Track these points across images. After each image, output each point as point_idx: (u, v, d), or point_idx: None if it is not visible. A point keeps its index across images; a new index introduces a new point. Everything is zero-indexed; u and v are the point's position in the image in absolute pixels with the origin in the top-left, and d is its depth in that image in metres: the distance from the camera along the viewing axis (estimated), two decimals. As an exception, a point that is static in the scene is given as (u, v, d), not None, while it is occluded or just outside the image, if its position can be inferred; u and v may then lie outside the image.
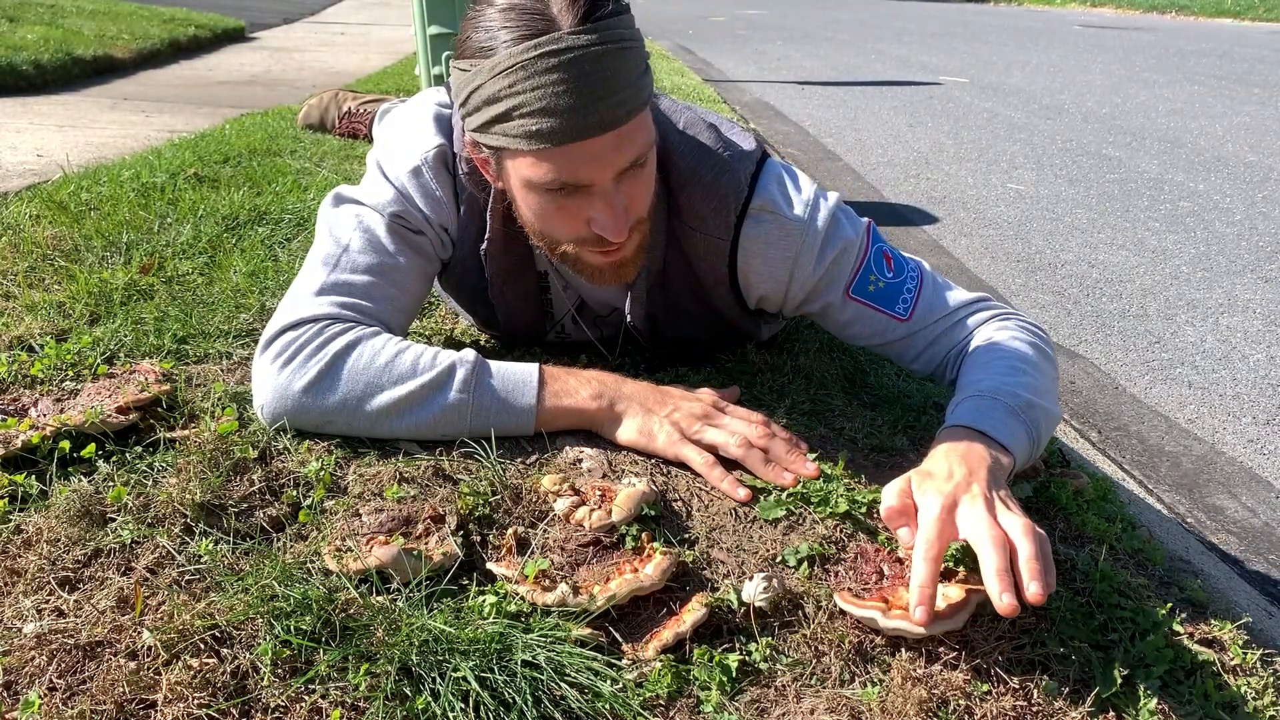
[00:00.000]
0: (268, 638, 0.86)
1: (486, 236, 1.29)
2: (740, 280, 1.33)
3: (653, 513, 1.06)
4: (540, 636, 0.88)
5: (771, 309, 1.39)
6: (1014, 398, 1.14)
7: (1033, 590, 0.87)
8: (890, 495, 1.01)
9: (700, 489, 1.14)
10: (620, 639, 0.92)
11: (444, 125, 1.29)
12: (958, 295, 1.35)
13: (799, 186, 1.29)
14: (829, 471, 1.16)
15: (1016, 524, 0.94)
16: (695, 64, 8.78)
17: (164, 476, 1.09)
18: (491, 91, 1.05)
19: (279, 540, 1.01)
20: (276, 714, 0.81)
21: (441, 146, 1.27)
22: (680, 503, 1.12)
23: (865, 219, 1.34)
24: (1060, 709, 0.89)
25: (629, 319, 1.37)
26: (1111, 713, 0.89)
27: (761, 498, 1.12)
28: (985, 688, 0.89)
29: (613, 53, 1.03)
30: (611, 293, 1.40)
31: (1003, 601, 0.87)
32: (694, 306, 1.39)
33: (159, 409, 1.24)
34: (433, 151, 1.26)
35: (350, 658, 0.84)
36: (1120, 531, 1.19)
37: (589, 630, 0.90)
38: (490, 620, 0.90)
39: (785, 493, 1.12)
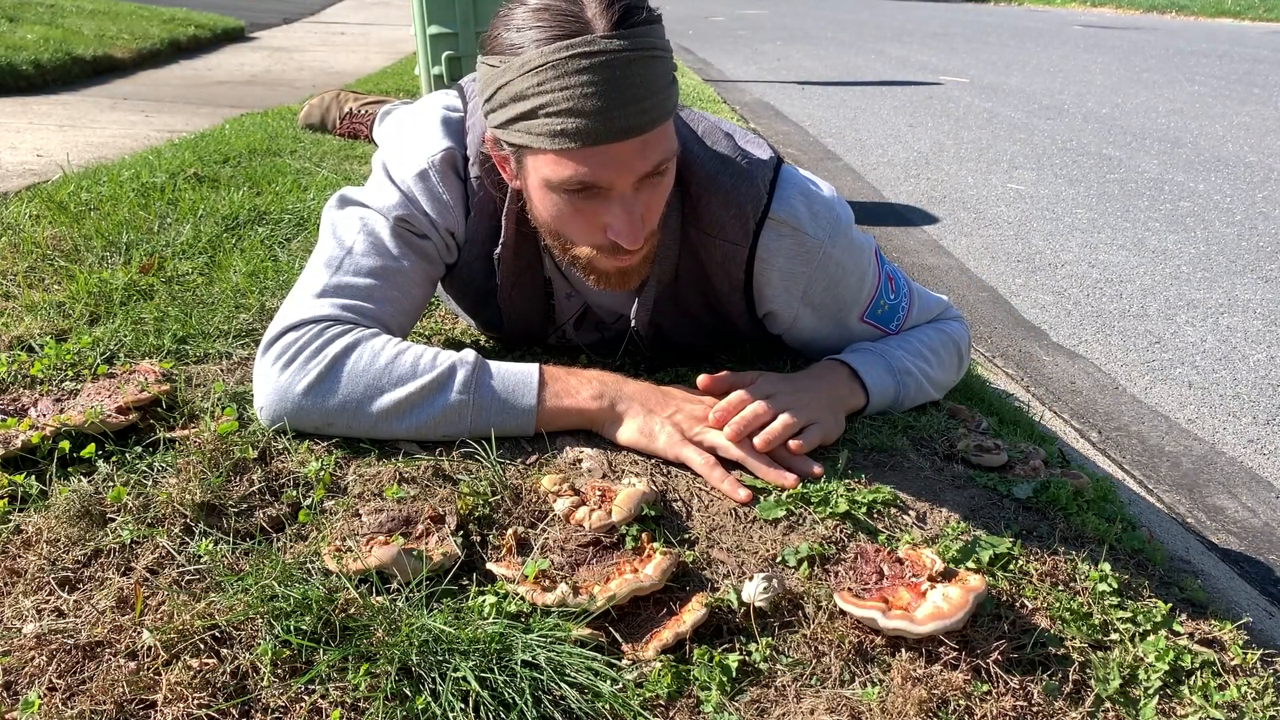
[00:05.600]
0: (268, 638, 0.86)
1: (501, 240, 1.29)
2: (754, 289, 1.33)
3: (653, 513, 1.06)
4: (540, 636, 0.88)
5: (776, 328, 1.40)
6: (898, 360, 1.35)
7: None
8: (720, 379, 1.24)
9: (700, 489, 1.14)
10: (620, 639, 0.92)
11: (452, 129, 1.29)
12: (929, 304, 1.49)
13: (821, 202, 1.30)
14: (829, 471, 1.16)
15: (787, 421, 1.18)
16: (695, 64, 8.78)
17: (164, 476, 1.09)
18: (519, 89, 1.05)
19: (279, 540, 1.01)
20: (276, 714, 0.81)
21: (449, 150, 1.26)
22: (680, 503, 1.12)
23: (869, 237, 1.38)
24: (1060, 709, 0.89)
25: (634, 324, 1.37)
26: (1111, 713, 0.89)
27: (761, 498, 1.12)
28: (985, 688, 0.89)
29: (643, 60, 1.04)
30: (618, 300, 1.39)
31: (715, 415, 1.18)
32: (702, 314, 1.40)
33: (159, 409, 1.24)
34: (440, 155, 1.26)
35: (350, 658, 0.84)
36: (1120, 531, 1.19)
37: (589, 630, 0.90)
38: (490, 620, 0.90)
39: (785, 493, 1.12)
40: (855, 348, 1.38)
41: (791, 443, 1.18)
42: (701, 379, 1.24)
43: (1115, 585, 1.04)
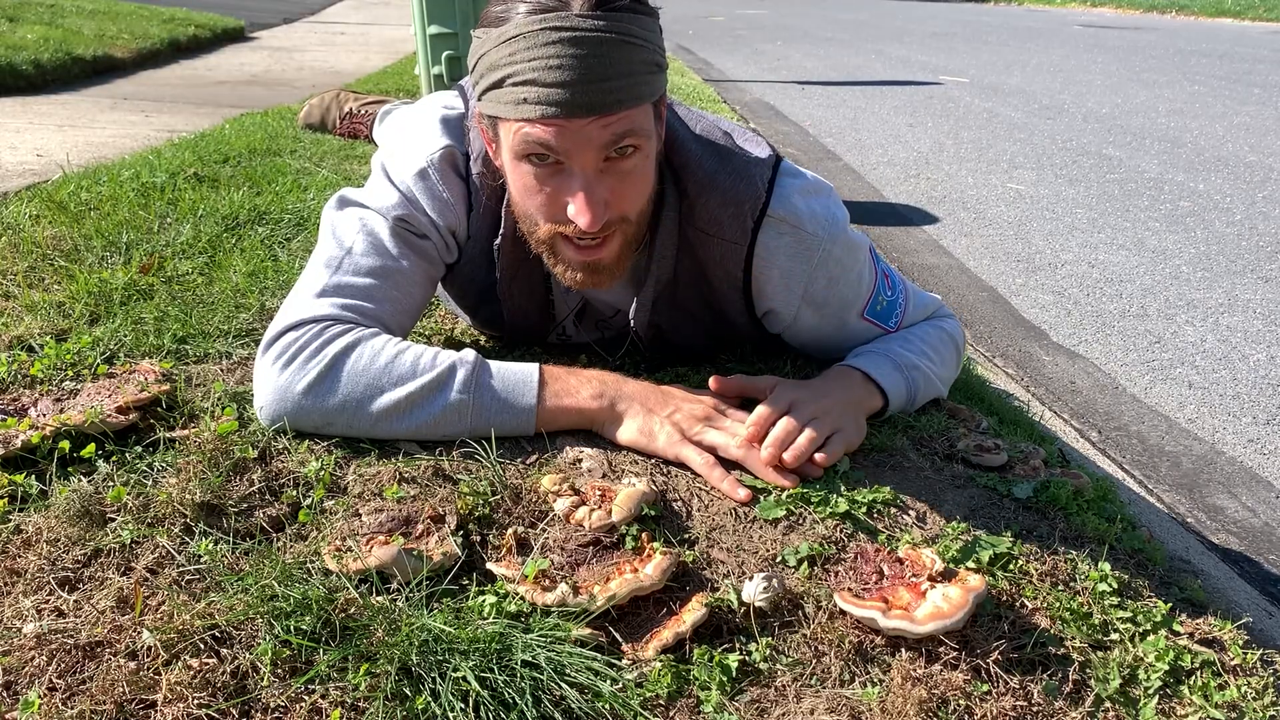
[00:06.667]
0: (268, 638, 0.86)
1: (501, 231, 1.29)
2: (754, 287, 1.33)
3: (653, 513, 1.06)
4: (540, 636, 0.88)
5: (776, 326, 1.40)
6: (903, 357, 1.35)
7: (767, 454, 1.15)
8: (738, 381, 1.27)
9: (700, 489, 1.14)
10: (620, 639, 0.92)
11: (451, 127, 1.29)
12: (923, 302, 1.49)
13: (820, 199, 1.30)
14: (829, 472, 1.16)
15: (810, 435, 1.17)
16: (695, 64, 8.78)
17: (164, 476, 1.09)
18: (494, 59, 1.07)
19: (279, 540, 1.01)
20: (276, 714, 0.81)
21: (449, 148, 1.27)
22: (680, 503, 1.12)
23: (864, 237, 1.38)
24: (1060, 709, 0.89)
25: (633, 324, 1.37)
26: (1111, 713, 0.89)
27: (761, 498, 1.12)
28: (985, 688, 0.89)
29: (617, 43, 1.05)
30: (616, 295, 1.40)
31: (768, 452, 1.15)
32: (701, 315, 1.40)
33: (159, 409, 1.24)
34: (439, 153, 1.26)
35: (350, 658, 0.84)
36: (1120, 531, 1.19)
37: (589, 630, 0.90)
38: (490, 620, 0.90)
39: (785, 493, 1.12)
40: (858, 351, 1.38)
41: (818, 456, 1.16)
42: (713, 380, 1.24)
43: (1115, 585, 1.04)
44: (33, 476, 1.07)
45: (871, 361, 1.33)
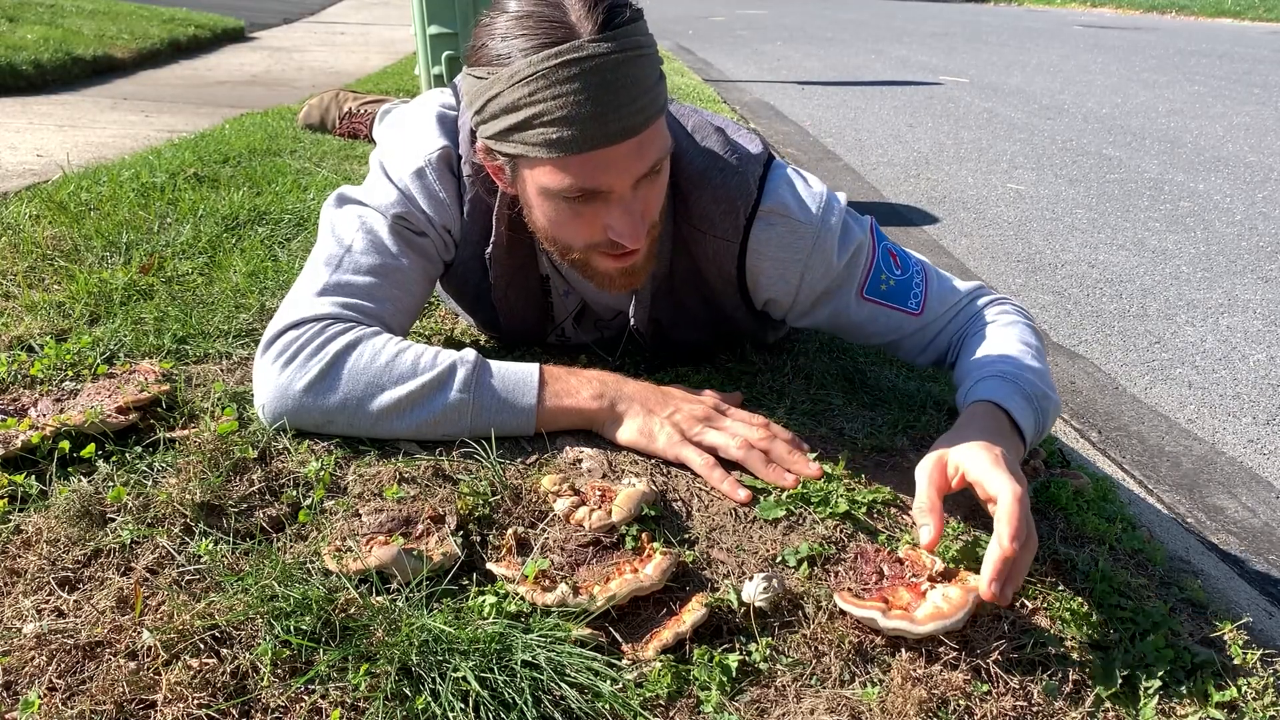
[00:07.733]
0: (268, 638, 0.86)
1: (491, 240, 1.29)
2: (749, 282, 1.33)
3: (653, 513, 1.06)
4: (540, 636, 0.88)
5: (778, 313, 1.39)
6: (1031, 385, 1.19)
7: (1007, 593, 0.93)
8: (926, 484, 1.02)
9: (700, 489, 1.14)
10: (620, 639, 0.92)
11: (448, 127, 1.29)
12: (958, 284, 1.40)
13: (810, 189, 1.29)
14: (829, 471, 1.16)
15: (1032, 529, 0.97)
16: (695, 64, 8.78)
17: (164, 476, 1.09)
18: (510, 100, 1.05)
19: (279, 540, 1.01)
20: (276, 714, 0.81)
21: (445, 148, 1.27)
22: (680, 503, 1.12)
23: (867, 216, 1.35)
24: (1060, 709, 0.89)
25: (633, 322, 1.37)
26: (1111, 713, 0.89)
27: (761, 498, 1.12)
28: (985, 688, 0.89)
29: (631, 60, 1.04)
30: (615, 296, 1.40)
31: (991, 589, 0.92)
32: (699, 310, 1.40)
33: (159, 409, 1.24)
34: (436, 153, 1.26)
35: (350, 658, 0.84)
36: (1120, 531, 1.19)
37: (589, 630, 0.90)
38: (490, 620, 0.90)
39: (785, 493, 1.12)
40: (985, 375, 1.20)
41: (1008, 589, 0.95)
42: (926, 545, 1.00)
43: (1115, 585, 1.04)
44: (33, 476, 1.07)
45: (1013, 401, 1.16)
